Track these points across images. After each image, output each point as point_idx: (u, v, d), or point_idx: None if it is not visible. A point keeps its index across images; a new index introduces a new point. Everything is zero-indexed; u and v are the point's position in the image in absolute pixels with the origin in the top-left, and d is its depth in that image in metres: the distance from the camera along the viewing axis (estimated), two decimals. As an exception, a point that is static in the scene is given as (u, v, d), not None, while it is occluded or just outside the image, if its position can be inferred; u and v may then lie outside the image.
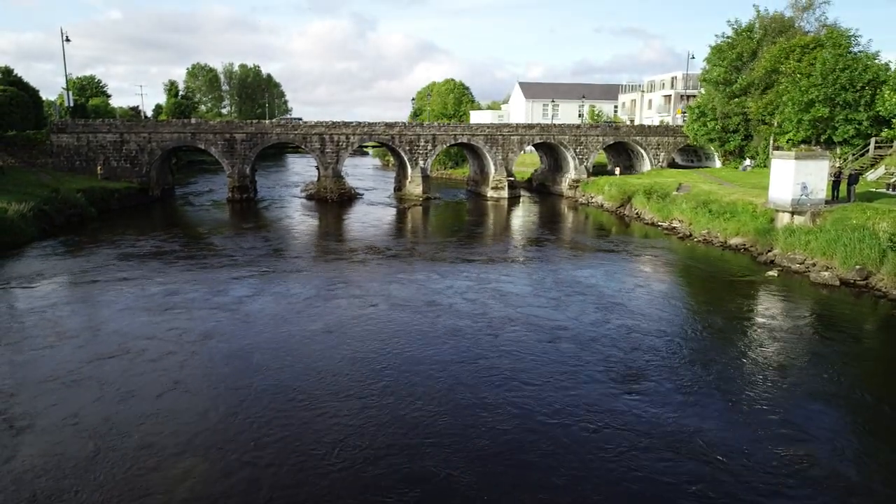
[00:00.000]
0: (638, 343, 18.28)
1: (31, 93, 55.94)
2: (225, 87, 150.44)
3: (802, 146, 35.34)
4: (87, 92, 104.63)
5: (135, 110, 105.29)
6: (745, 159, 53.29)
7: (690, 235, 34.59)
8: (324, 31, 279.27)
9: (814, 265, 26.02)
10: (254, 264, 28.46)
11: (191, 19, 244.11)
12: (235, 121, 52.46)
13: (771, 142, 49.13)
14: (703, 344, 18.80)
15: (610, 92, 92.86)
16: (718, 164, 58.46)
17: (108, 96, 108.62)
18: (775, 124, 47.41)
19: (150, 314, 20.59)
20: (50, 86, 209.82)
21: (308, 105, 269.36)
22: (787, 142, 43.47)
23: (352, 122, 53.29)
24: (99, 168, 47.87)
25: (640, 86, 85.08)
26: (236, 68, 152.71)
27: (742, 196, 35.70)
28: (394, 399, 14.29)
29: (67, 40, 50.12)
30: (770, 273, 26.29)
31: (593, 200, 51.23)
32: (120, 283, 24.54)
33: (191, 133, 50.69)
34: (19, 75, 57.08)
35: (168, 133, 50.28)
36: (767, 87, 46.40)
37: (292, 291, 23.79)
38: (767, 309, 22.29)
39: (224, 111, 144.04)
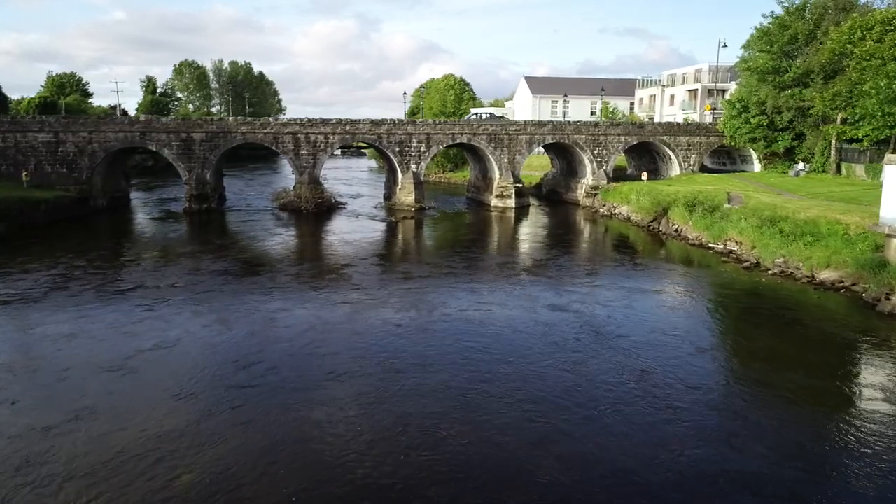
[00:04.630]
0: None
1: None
2: (214, 86, 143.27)
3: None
4: (66, 90, 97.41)
5: (114, 109, 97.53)
6: (795, 162, 45.16)
7: (758, 264, 26.44)
8: (327, 32, 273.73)
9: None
10: (171, 300, 20.55)
11: (195, 20, 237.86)
12: (193, 118, 44.63)
13: (833, 141, 41.04)
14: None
15: (624, 87, 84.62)
16: (757, 167, 50.39)
17: (90, 94, 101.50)
18: (838, 120, 39.30)
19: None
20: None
21: (310, 105, 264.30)
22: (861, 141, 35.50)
23: (331, 120, 45.29)
24: (24, 174, 39.93)
25: (659, 80, 76.89)
26: (226, 65, 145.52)
27: (822, 212, 27.60)
28: None
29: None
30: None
31: (617, 211, 43.13)
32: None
33: (139, 132, 42.76)
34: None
35: (112, 132, 42.36)
36: (833, 74, 38.26)
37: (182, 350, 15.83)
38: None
39: (214, 110, 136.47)
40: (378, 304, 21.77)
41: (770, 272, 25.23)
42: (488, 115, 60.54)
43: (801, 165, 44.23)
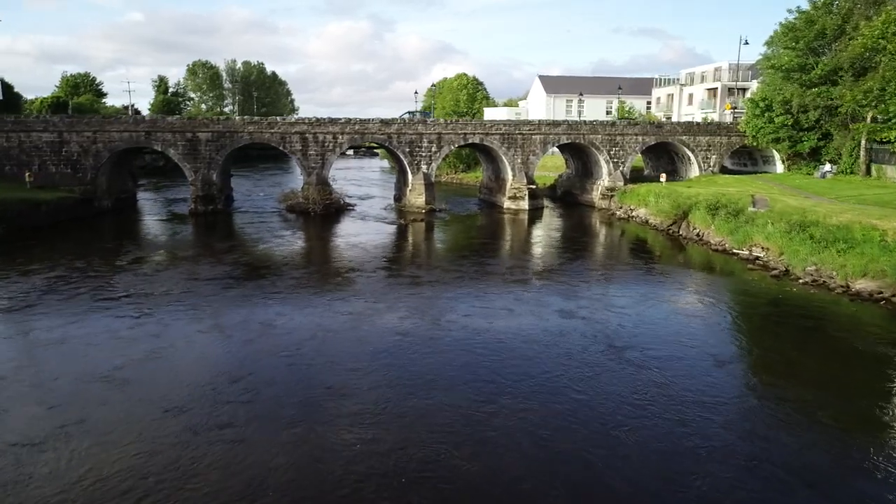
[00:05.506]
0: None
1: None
2: (227, 86, 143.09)
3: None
4: (80, 90, 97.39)
5: (127, 109, 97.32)
6: (822, 163, 43.30)
7: (787, 272, 24.86)
8: (341, 33, 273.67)
9: None
10: (165, 307, 19.49)
11: (210, 21, 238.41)
12: (199, 118, 43.68)
13: (863, 142, 39.21)
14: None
15: (640, 86, 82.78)
16: (780, 168, 48.57)
17: (103, 95, 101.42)
18: (868, 119, 37.49)
19: None
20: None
21: (323, 106, 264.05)
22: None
23: (340, 119, 44.16)
24: (28, 175, 39.18)
25: (677, 79, 74.98)
26: (239, 65, 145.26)
27: (856, 217, 25.96)
28: None
29: (-5, 20, 41.52)
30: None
31: (634, 214, 41.57)
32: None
33: (145, 132, 41.88)
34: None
35: (117, 132, 41.52)
36: (863, 71, 36.47)
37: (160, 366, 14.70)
38: None
39: (227, 110, 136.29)
40: (382, 312, 20.59)
41: (801, 281, 23.65)
42: (420, 114, 59.18)
43: (827, 167, 42.37)
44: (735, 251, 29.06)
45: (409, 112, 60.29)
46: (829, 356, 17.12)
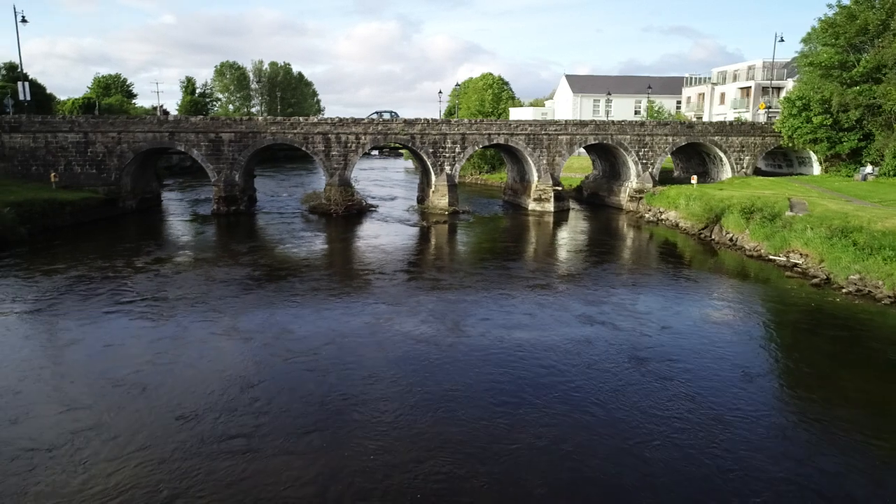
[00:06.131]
0: None
1: None
2: (254, 86, 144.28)
3: None
4: (111, 91, 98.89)
5: (155, 110, 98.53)
6: (862, 165, 41.48)
7: (828, 280, 23.51)
8: (369, 34, 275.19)
9: None
10: (179, 309, 19.08)
11: (240, 23, 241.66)
12: (221, 118, 43.58)
13: (908, 143, 37.37)
14: None
15: (670, 86, 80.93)
16: (817, 170, 46.76)
17: (133, 95, 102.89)
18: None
19: None
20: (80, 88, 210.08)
21: (351, 107, 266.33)
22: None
23: (362, 120, 43.66)
24: (53, 175, 39.42)
25: (708, 78, 73.03)
26: (266, 66, 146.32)
27: (903, 222, 24.52)
28: None
29: (24, 20, 41.91)
30: None
31: (664, 217, 40.27)
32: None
33: (168, 132, 41.86)
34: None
35: (141, 132, 41.57)
36: (909, 68, 34.78)
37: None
38: None
39: (254, 110, 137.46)
40: (401, 317, 19.92)
41: (843, 290, 22.30)
42: (389, 114, 58.44)
43: (868, 169, 40.55)
44: (771, 257, 27.71)
45: (376, 112, 59.73)
46: (872, 372, 15.92)
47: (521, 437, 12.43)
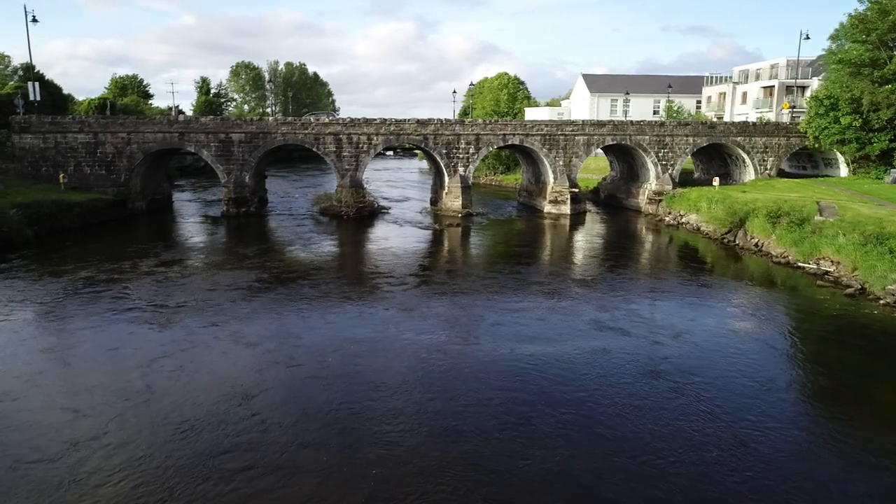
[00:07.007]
0: None
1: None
2: (269, 86, 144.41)
3: None
4: (128, 91, 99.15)
5: (171, 110, 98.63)
6: (893, 167, 39.83)
7: (863, 291, 22.16)
8: (386, 34, 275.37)
9: None
10: (181, 315, 18.34)
11: (259, 24, 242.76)
12: (232, 118, 43.00)
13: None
14: None
15: (690, 85, 79.17)
16: (844, 172, 45.09)
17: (150, 96, 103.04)
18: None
19: None
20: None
21: (367, 107, 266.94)
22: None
23: (375, 120, 42.81)
24: (62, 176, 39.01)
25: (730, 77, 71.29)
26: (282, 66, 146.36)
27: (943, 228, 23.09)
28: None
29: (34, 20, 41.59)
30: None
31: (684, 221, 38.94)
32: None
33: (178, 133, 41.32)
34: None
35: (151, 133, 41.06)
36: (945, 66, 33.17)
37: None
38: None
39: (269, 111, 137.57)
40: (411, 323, 19.11)
41: (882, 301, 20.95)
42: (326, 115, 57.51)
43: (900, 171, 38.93)
44: (800, 264, 26.37)
45: (313, 113, 58.84)
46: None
47: (534, 452, 11.65)
